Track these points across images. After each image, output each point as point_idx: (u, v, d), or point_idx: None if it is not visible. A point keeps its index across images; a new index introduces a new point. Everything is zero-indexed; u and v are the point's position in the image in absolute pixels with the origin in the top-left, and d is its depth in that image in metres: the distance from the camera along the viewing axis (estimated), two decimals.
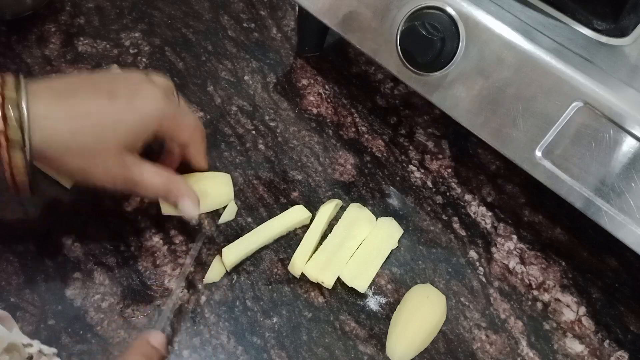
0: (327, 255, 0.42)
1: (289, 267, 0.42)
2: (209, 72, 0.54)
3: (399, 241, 0.44)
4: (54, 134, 0.33)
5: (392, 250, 0.44)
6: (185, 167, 0.47)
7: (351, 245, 0.43)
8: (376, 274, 0.43)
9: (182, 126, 0.40)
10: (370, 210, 0.45)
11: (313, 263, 0.42)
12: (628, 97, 0.33)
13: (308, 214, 0.44)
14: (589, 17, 0.36)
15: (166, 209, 0.43)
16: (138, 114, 0.36)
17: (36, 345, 0.34)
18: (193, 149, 0.42)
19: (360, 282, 0.41)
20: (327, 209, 0.44)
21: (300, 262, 0.42)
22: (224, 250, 0.42)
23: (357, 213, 0.45)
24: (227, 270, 0.42)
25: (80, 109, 0.34)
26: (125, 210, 0.44)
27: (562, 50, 0.35)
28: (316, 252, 0.42)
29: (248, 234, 0.43)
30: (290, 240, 0.44)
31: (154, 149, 0.42)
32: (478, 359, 0.40)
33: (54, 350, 0.36)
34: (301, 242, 0.43)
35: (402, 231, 0.45)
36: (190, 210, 0.40)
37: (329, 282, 0.41)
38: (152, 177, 0.38)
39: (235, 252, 0.42)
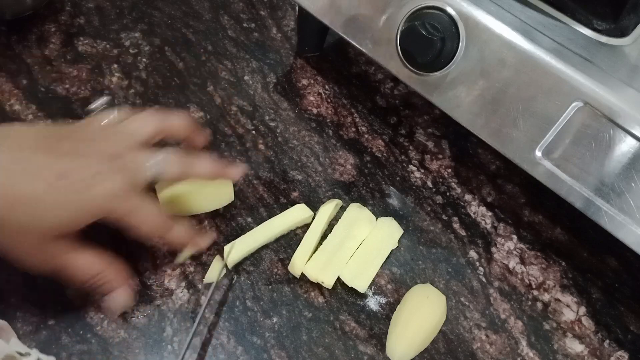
0: (327, 255, 0.42)
1: (289, 267, 0.42)
2: (209, 72, 0.54)
3: (399, 241, 0.44)
4: None
5: (392, 250, 0.44)
6: None
7: (351, 245, 0.43)
8: (376, 274, 0.43)
9: (133, 227, 0.36)
10: (370, 210, 0.45)
11: (313, 263, 0.42)
12: (628, 97, 0.33)
13: (310, 212, 0.44)
14: (589, 17, 0.36)
15: (166, 209, 0.42)
16: (80, 205, 0.33)
17: (34, 354, 0.34)
18: (172, 237, 0.39)
19: (360, 282, 0.41)
20: (327, 209, 0.44)
21: (300, 262, 0.42)
22: (226, 247, 0.42)
23: (357, 213, 0.45)
24: (227, 268, 0.42)
25: (19, 184, 0.32)
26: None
27: (562, 50, 0.35)
28: (316, 252, 0.42)
29: (250, 231, 0.43)
30: (290, 240, 0.44)
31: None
32: (478, 359, 0.40)
33: (52, 358, 0.36)
34: (301, 242, 0.43)
35: (402, 231, 0.45)
36: (115, 307, 0.38)
37: (329, 282, 0.41)
38: (81, 264, 0.35)
39: (237, 248, 0.42)
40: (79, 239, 0.36)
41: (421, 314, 0.40)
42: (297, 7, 0.57)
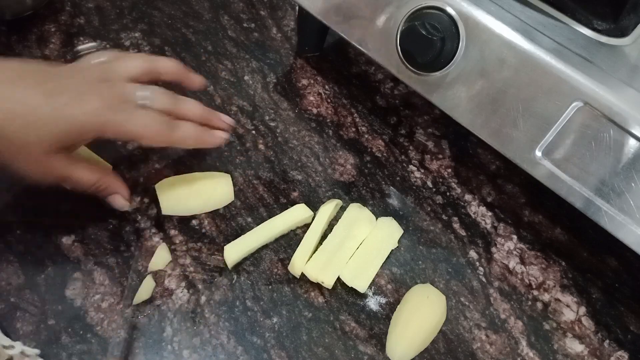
0: (327, 255, 0.42)
1: (289, 267, 0.42)
2: (209, 72, 0.54)
3: (399, 241, 0.44)
4: None
5: (392, 250, 0.44)
6: (184, 168, 0.47)
7: (351, 245, 0.43)
8: (376, 274, 0.43)
9: (137, 135, 0.38)
10: (370, 210, 0.45)
11: (313, 263, 0.42)
12: (628, 97, 0.33)
13: (310, 212, 0.44)
14: (589, 17, 0.36)
15: (166, 209, 0.42)
16: (70, 121, 0.35)
17: (18, 347, 0.34)
18: (180, 145, 0.41)
19: (360, 282, 0.41)
20: (327, 209, 0.44)
21: (300, 262, 0.42)
22: (226, 247, 0.42)
23: (357, 213, 0.45)
24: (228, 268, 0.42)
25: (15, 99, 0.34)
26: (125, 210, 0.44)
27: (562, 50, 0.35)
28: (316, 252, 0.42)
29: (250, 231, 0.43)
30: (290, 240, 0.44)
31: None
32: (478, 359, 0.40)
33: (36, 351, 0.36)
34: (301, 242, 0.43)
35: (402, 231, 0.45)
36: (120, 205, 0.42)
37: (329, 282, 0.41)
38: (84, 175, 0.38)
39: (237, 249, 0.42)
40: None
41: (421, 314, 0.40)
42: (297, 7, 0.57)
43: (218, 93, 0.52)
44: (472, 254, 0.45)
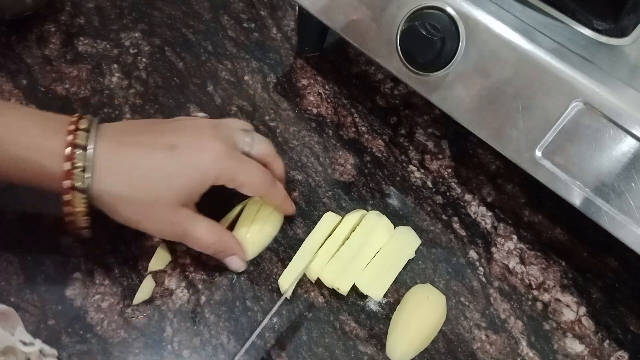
0: (343, 262, 0.42)
1: (306, 272, 0.42)
2: (209, 72, 0.54)
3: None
4: (113, 184, 0.35)
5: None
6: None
7: (368, 253, 0.42)
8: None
9: (244, 183, 0.39)
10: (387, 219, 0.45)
11: (329, 269, 0.41)
12: (628, 97, 0.33)
13: (338, 218, 0.44)
14: (589, 17, 0.36)
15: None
16: (195, 170, 0.37)
17: (37, 345, 0.34)
18: (273, 195, 0.42)
19: (375, 290, 0.41)
20: (353, 218, 0.44)
21: (317, 268, 0.41)
22: (280, 280, 0.41)
23: (376, 221, 0.44)
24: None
25: (140, 161, 0.36)
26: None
27: (562, 50, 0.35)
28: (333, 258, 0.42)
29: (294, 257, 0.42)
30: (290, 241, 0.44)
31: None
32: (478, 359, 0.40)
33: (54, 352, 0.36)
34: (321, 248, 0.42)
35: (419, 241, 0.44)
36: (236, 268, 0.41)
37: (344, 289, 0.41)
38: (203, 234, 0.39)
39: (289, 276, 0.41)
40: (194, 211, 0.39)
41: (421, 314, 0.40)
42: (297, 7, 0.57)
43: (218, 93, 0.52)
44: (472, 254, 0.45)
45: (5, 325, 0.33)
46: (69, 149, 0.33)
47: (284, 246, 0.44)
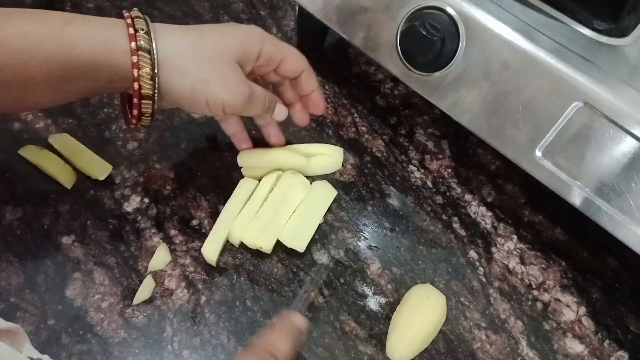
0: (264, 222, 0.43)
1: (228, 237, 0.43)
2: None
3: (399, 241, 0.44)
4: (177, 42, 0.36)
5: (393, 250, 0.44)
6: (184, 168, 0.47)
7: (287, 211, 0.44)
8: (376, 274, 0.43)
9: (286, 53, 0.41)
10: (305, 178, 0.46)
11: (251, 230, 0.42)
12: (628, 97, 0.33)
13: (255, 182, 0.45)
14: (589, 17, 0.36)
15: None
16: (244, 32, 0.39)
17: None
18: (304, 76, 0.43)
19: (298, 242, 0.42)
20: (269, 180, 0.45)
21: (238, 231, 0.42)
22: (203, 250, 0.42)
23: (292, 179, 0.45)
24: (228, 269, 0.42)
25: (195, 29, 0.38)
26: (125, 210, 0.44)
27: (562, 50, 0.35)
28: (253, 220, 0.43)
29: (216, 223, 0.44)
30: None
31: None
32: (478, 359, 0.40)
33: None
34: (240, 212, 0.43)
35: (335, 192, 0.46)
36: (283, 114, 0.44)
37: (267, 247, 0.42)
38: (261, 90, 0.40)
39: (212, 245, 0.43)
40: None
41: (421, 314, 0.40)
42: (297, 7, 0.57)
43: None
44: (472, 254, 0.45)
45: (13, 343, 0.33)
46: (129, 20, 0.35)
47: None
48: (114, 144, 0.48)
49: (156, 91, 0.36)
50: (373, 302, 0.42)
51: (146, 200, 0.45)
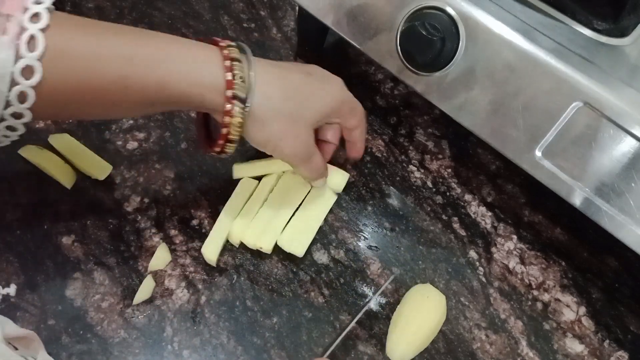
0: (264, 223, 0.43)
1: (229, 237, 0.43)
2: None
3: (399, 241, 0.44)
4: (268, 97, 0.36)
5: (392, 250, 0.44)
6: (184, 168, 0.47)
7: (287, 211, 0.44)
8: (376, 274, 0.43)
9: (355, 112, 0.42)
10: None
11: (251, 230, 0.43)
12: (628, 97, 0.33)
13: (255, 182, 0.45)
14: (589, 17, 0.36)
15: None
16: (329, 94, 0.39)
17: None
18: (359, 131, 0.43)
19: (297, 247, 0.42)
20: (270, 180, 0.45)
21: (239, 231, 0.42)
22: (203, 250, 0.42)
23: (292, 180, 0.45)
24: (228, 269, 0.42)
25: (289, 76, 0.38)
26: (125, 210, 0.44)
27: (562, 50, 0.35)
28: (253, 220, 0.43)
29: (216, 223, 0.43)
30: None
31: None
32: (478, 359, 0.40)
33: None
34: (240, 212, 0.44)
35: (336, 196, 0.46)
36: (321, 186, 0.45)
37: (267, 247, 0.42)
38: (320, 160, 0.41)
39: (212, 245, 0.42)
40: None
41: (421, 314, 0.40)
42: (297, 7, 0.57)
43: None
44: (472, 254, 0.45)
45: (27, 349, 0.33)
46: (228, 62, 0.35)
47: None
48: (114, 144, 0.48)
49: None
50: (373, 302, 0.42)
51: (146, 200, 0.45)
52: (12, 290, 0.34)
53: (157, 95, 0.34)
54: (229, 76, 0.34)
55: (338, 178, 0.46)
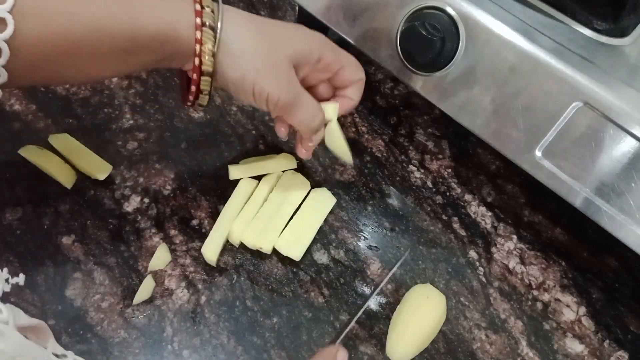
0: (264, 223, 0.43)
1: (229, 237, 0.43)
2: None
3: (399, 241, 0.44)
4: (241, 27, 0.36)
5: (392, 250, 0.44)
6: (184, 168, 0.47)
7: (287, 211, 0.44)
8: (376, 274, 0.43)
9: (344, 63, 0.40)
10: (307, 180, 0.46)
11: (251, 230, 0.43)
12: (628, 97, 0.33)
13: (255, 182, 0.45)
14: (589, 17, 0.36)
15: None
16: (306, 36, 0.39)
17: (70, 357, 0.34)
18: (358, 85, 0.42)
19: (294, 251, 0.42)
20: (269, 180, 0.45)
21: (239, 231, 0.42)
22: (203, 250, 0.42)
23: (292, 180, 0.46)
24: (214, 265, 0.42)
25: (261, 21, 0.38)
26: (125, 210, 0.44)
27: (562, 50, 0.35)
28: (253, 220, 0.43)
29: (216, 223, 0.44)
30: None
31: None
32: (478, 359, 0.40)
33: None
34: (240, 213, 0.44)
35: (335, 200, 0.46)
36: (282, 136, 0.43)
37: (267, 248, 0.42)
38: (310, 101, 0.40)
39: (212, 245, 0.43)
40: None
41: (421, 314, 0.40)
42: (297, 7, 0.57)
43: (218, 93, 0.52)
44: (472, 254, 0.45)
45: (37, 339, 0.33)
46: (198, 5, 0.35)
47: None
48: (114, 144, 0.48)
49: (216, 68, 0.36)
50: (373, 302, 0.42)
51: (146, 200, 0.45)
52: (21, 279, 0.34)
53: (131, 42, 0.33)
54: (197, 7, 0.35)
55: (329, 111, 0.43)
